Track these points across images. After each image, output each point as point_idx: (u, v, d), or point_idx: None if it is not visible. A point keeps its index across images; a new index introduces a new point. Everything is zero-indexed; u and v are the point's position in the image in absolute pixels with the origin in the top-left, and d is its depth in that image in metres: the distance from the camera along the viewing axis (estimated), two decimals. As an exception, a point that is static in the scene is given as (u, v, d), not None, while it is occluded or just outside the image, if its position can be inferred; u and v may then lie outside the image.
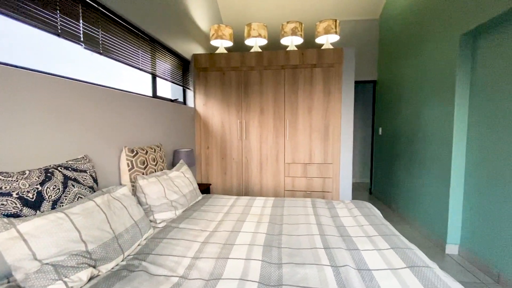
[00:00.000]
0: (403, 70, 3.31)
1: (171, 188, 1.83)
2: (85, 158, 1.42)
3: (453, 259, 2.30)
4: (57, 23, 1.36)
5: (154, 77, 2.42)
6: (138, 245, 1.33)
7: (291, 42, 3.03)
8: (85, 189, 1.30)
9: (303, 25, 3.06)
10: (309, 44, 4.26)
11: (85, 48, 1.56)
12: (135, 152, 1.81)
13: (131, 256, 1.22)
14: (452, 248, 2.38)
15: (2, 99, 1.08)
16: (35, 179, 1.08)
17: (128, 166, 1.74)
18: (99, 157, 1.61)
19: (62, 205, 1.14)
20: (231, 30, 3.07)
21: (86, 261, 1.01)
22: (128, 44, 1.95)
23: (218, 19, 4.06)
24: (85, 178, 1.33)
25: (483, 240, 2.10)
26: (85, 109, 1.50)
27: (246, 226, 1.58)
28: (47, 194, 1.09)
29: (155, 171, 1.98)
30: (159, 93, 2.52)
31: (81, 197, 1.25)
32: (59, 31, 1.38)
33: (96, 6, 1.64)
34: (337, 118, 2.87)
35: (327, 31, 2.86)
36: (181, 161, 2.29)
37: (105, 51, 1.71)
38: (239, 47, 4.42)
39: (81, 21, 1.52)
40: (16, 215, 0.97)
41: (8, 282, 0.98)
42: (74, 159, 1.36)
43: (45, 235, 0.94)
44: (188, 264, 1.15)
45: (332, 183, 2.92)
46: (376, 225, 1.56)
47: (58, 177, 1.18)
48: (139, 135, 2.01)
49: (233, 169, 3.09)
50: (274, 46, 4.37)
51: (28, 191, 1.03)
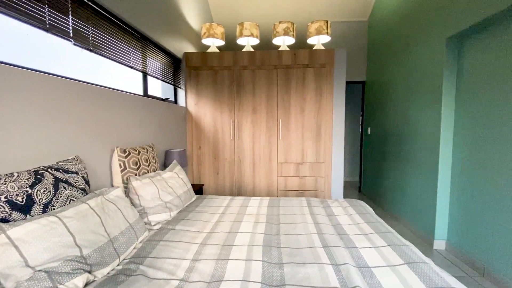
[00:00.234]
0: (392, 71, 3.39)
1: (165, 189, 1.78)
2: (76, 159, 1.36)
3: (440, 254, 2.39)
4: (45, 17, 1.30)
5: (145, 75, 2.36)
6: (134, 248, 1.29)
7: (283, 42, 3.03)
8: (77, 191, 1.24)
9: (295, 25, 3.08)
10: (300, 44, 4.29)
11: (74, 44, 1.50)
12: (128, 152, 1.75)
13: (127, 260, 1.18)
14: (439, 244, 2.47)
15: (-12, 96, 1.01)
16: (24, 181, 1.02)
17: (121, 167, 1.68)
18: (89, 158, 1.54)
19: (54, 209, 1.09)
20: (222, 29, 3.05)
21: (81, 266, 0.97)
22: (119, 41, 1.89)
23: (208, 17, 4.01)
24: (76, 180, 1.28)
25: (468, 235, 2.19)
26: (75, 108, 1.44)
27: (243, 226, 1.57)
28: (37, 197, 1.04)
29: (148, 172, 1.93)
30: (150, 92, 2.46)
31: (73, 200, 1.19)
32: (48, 26, 1.31)
33: (85, 1, 1.58)
34: (329, 118, 2.90)
35: (318, 32, 2.89)
36: (174, 161, 2.25)
37: (95, 48, 1.65)
38: (229, 46, 4.39)
39: (70, 16, 1.46)
40: (5, 220, 0.92)
41: (-3, 291, 0.92)
42: (65, 160, 1.30)
43: (37, 240, 0.89)
44: (188, 266, 1.12)
45: (324, 182, 2.96)
46: (371, 223, 1.59)
47: (49, 179, 1.12)
48: (130, 135, 1.95)
49: (225, 169, 3.07)
50: (265, 46, 4.37)
51: (17, 194, 0.97)
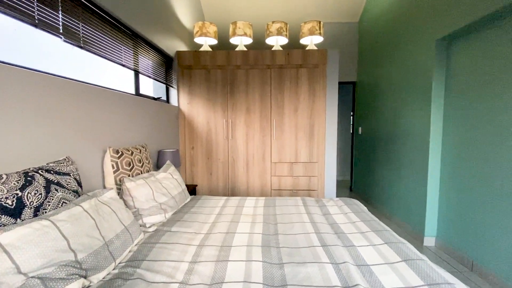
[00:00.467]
0: (382, 72, 3.46)
1: (159, 190, 1.75)
2: (67, 159, 1.31)
3: (430, 250, 2.45)
4: (34, 12, 1.24)
5: (136, 74, 2.31)
6: (130, 251, 1.26)
7: (277, 42, 3.04)
8: (70, 193, 1.20)
9: (288, 25, 3.08)
10: (293, 44, 4.31)
11: (64, 41, 1.44)
12: (120, 153, 1.71)
13: (123, 264, 1.14)
14: (429, 240, 2.54)
15: (-27, 94, 0.96)
16: (14, 184, 0.97)
17: (113, 167, 1.63)
18: (81, 159, 1.49)
19: (45, 212, 1.04)
20: (215, 28, 3.01)
21: (76, 271, 0.93)
22: (110, 38, 1.84)
23: (200, 16, 3.97)
24: (68, 182, 1.23)
25: (457, 231, 2.26)
26: (65, 107, 1.39)
27: (240, 227, 1.55)
28: (28, 200, 0.99)
29: (141, 173, 1.88)
30: (142, 91, 2.40)
31: (65, 203, 1.15)
32: (37, 21, 1.26)
33: (76, -4, 1.52)
34: (322, 118, 2.93)
35: (311, 32, 2.91)
36: (168, 161, 2.21)
37: (86, 45, 1.59)
38: (221, 45, 4.36)
39: (60, 11, 1.40)
40: (-6, 225, 0.87)
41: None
42: (56, 161, 1.25)
43: (30, 245, 0.85)
44: (187, 268, 1.10)
45: (317, 182, 2.98)
46: (367, 221, 1.61)
47: (40, 181, 1.07)
48: (123, 135, 1.90)
49: (219, 169, 3.04)
50: (258, 45, 4.37)
51: (6, 198, 0.93)
